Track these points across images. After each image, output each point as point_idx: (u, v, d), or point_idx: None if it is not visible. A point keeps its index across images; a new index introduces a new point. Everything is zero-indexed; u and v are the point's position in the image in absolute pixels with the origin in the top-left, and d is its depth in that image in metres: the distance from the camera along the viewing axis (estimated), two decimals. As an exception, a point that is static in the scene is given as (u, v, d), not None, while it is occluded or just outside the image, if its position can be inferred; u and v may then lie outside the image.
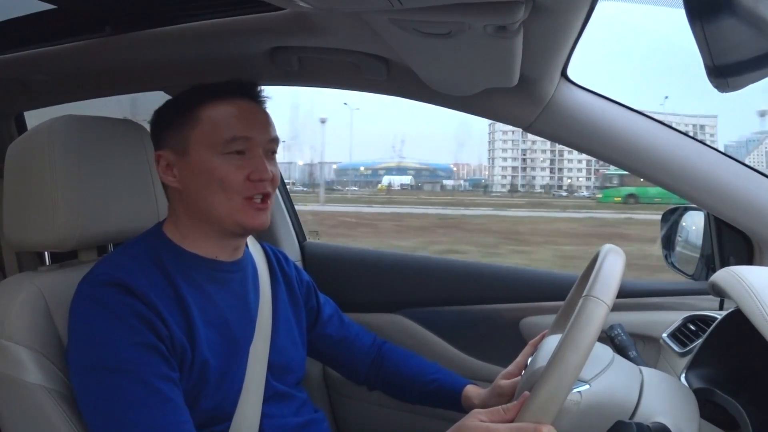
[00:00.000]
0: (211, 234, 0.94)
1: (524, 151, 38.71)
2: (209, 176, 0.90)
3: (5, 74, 1.31)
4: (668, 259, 1.42)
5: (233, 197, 0.90)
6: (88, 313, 0.82)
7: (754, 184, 1.12)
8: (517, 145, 38.58)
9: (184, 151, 0.92)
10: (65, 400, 0.85)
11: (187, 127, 0.92)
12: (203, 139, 0.91)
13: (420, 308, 1.47)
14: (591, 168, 35.34)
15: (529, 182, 36.75)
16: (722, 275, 0.87)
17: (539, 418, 0.67)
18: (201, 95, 0.94)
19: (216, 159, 0.90)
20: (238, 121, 0.92)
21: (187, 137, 0.92)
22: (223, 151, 0.90)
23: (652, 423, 0.72)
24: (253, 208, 0.92)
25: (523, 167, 38.28)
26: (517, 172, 38.02)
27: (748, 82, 0.65)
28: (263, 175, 0.91)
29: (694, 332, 1.09)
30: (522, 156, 37.91)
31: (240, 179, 0.90)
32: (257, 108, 0.96)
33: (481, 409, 0.76)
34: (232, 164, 0.90)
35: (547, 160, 37.44)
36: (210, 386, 0.88)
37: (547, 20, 0.76)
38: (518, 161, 37.60)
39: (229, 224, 0.92)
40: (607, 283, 0.71)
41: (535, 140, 39.57)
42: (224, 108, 0.93)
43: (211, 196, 0.91)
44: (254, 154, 0.92)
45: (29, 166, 0.96)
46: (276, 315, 1.03)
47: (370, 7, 0.69)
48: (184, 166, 0.92)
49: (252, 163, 0.91)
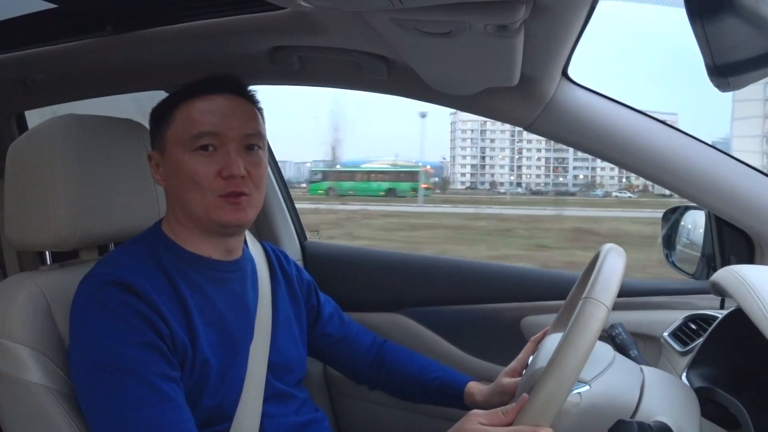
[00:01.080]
0: (197, 232, 0.94)
1: (483, 149, 40.76)
2: (183, 174, 0.90)
3: (6, 74, 1.32)
4: (669, 258, 1.42)
5: (206, 194, 0.89)
6: (89, 313, 0.82)
7: (755, 183, 1.12)
8: (477, 144, 40.27)
9: (163, 150, 0.93)
10: (66, 399, 0.85)
11: (165, 127, 0.92)
12: (175, 137, 0.91)
13: (421, 307, 1.47)
14: (550, 166, 36.55)
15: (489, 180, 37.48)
16: (723, 274, 0.87)
17: (538, 421, 0.67)
18: (182, 94, 0.93)
19: (186, 156, 0.89)
20: (207, 117, 0.90)
21: (164, 136, 0.92)
22: (192, 147, 0.89)
23: (653, 422, 0.72)
24: (229, 203, 0.89)
25: (482, 165, 40.13)
26: (476, 170, 40.10)
27: (749, 81, 0.65)
28: (233, 171, 0.88)
29: (695, 331, 1.09)
30: (481, 154, 40.20)
31: (211, 176, 0.89)
32: (237, 103, 0.93)
33: (482, 408, 0.77)
34: (201, 161, 0.89)
35: (506, 158, 38.97)
36: (210, 386, 0.88)
37: (547, 20, 0.76)
38: (477, 159, 39.63)
39: (205, 222, 0.91)
40: (606, 284, 0.71)
41: (494, 138, 41.96)
42: (198, 104, 0.91)
43: (187, 194, 0.90)
44: (226, 150, 0.90)
45: (30, 166, 0.96)
46: (276, 314, 1.03)
47: (370, 6, 0.69)
48: (164, 164, 0.93)
49: (223, 159, 0.89)
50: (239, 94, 0.95)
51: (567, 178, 27.93)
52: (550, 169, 39.41)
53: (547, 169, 39.56)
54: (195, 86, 0.93)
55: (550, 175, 39.32)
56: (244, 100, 0.95)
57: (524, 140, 41.39)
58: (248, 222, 0.94)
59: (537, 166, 39.75)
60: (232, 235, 0.97)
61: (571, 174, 34.99)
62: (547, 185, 38.38)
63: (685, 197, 1.17)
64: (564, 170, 39.33)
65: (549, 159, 38.96)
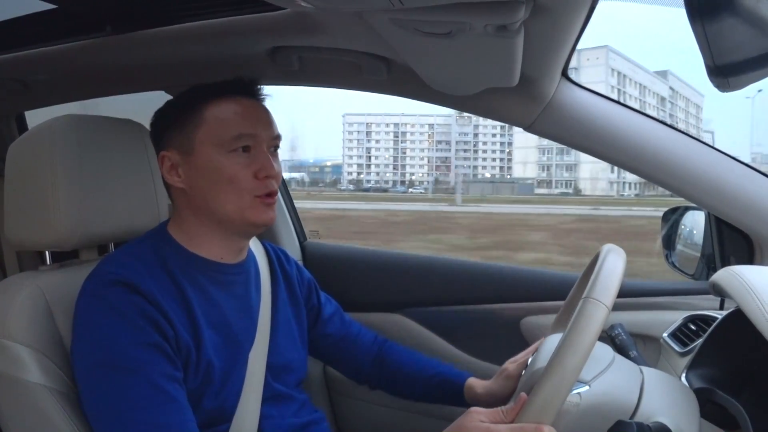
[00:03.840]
0: (218, 233, 0.94)
1: (368, 149, 44.46)
2: (217, 175, 0.90)
3: (6, 74, 1.31)
4: (669, 258, 1.42)
5: (243, 195, 0.90)
6: (93, 312, 0.82)
7: (755, 184, 1.12)
8: (362, 144, 43.52)
9: (190, 151, 0.92)
10: (66, 399, 0.85)
11: (192, 127, 0.92)
12: (209, 137, 0.91)
13: (421, 308, 1.47)
14: (432, 165, 40.98)
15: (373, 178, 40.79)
16: (723, 275, 0.87)
17: (539, 419, 0.67)
18: (204, 94, 0.93)
19: (223, 157, 0.90)
20: (243, 119, 0.92)
21: (192, 137, 0.92)
22: (230, 148, 0.90)
23: (652, 423, 0.72)
24: (263, 204, 0.92)
25: (368, 164, 43.26)
26: (362, 169, 43.54)
27: (749, 81, 0.65)
28: (270, 171, 0.91)
29: (694, 332, 1.09)
30: (366, 154, 43.68)
31: (248, 177, 0.91)
32: (259, 105, 0.96)
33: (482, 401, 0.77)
34: (240, 162, 0.90)
35: (391, 158, 42.60)
36: (214, 387, 0.88)
37: (547, 20, 0.76)
38: (363, 158, 43.24)
39: (238, 222, 0.92)
40: (606, 284, 0.71)
41: (379, 139, 44.33)
42: (228, 106, 0.92)
43: (220, 195, 0.91)
44: (260, 151, 0.92)
45: (30, 166, 0.96)
46: (275, 315, 1.03)
47: (370, 6, 0.69)
48: (190, 165, 0.92)
49: (258, 160, 0.91)
50: (259, 98, 0.97)
51: (450, 176, 31.57)
52: (433, 167, 43.12)
53: (430, 168, 43.32)
54: (220, 87, 0.94)
55: (432, 173, 43.39)
56: (263, 104, 0.98)
57: (407, 141, 45.14)
58: (274, 221, 0.95)
59: (420, 165, 43.75)
60: (252, 236, 1.00)
61: (453, 172, 37.65)
62: (429, 183, 42.72)
63: (684, 198, 1.17)
64: (447, 168, 43.13)
65: (431, 158, 42.71)
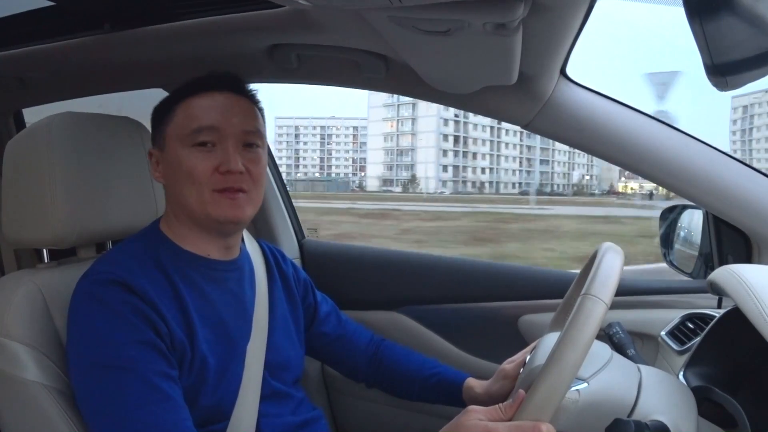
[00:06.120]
0: (196, 230, 0.94)
1: (297, 150, 49.06)
2: (179, 169, 0.90)
3: (3, 71, 1.31)
4: (667, 257, 1.42)
5: (202, 190, 0.89)
6: (88, 311, 0.82)
7: (753, 183, 1.12)
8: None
9: (163, 147, 0.93)
10: (64, 397, 0.85)
11: (165, 123, 0.93)
12: (175, 132, 0.91)
13: (419, 306, 1.47)
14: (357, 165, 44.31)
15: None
16: (720, 273, 0.87)
17: (538, 416, 0.67)
18: (183, 91, 0.94)
19: (184, 151, 0.90)
20: (207, 112, 0.90)
21: (164, 132, 0.93)
22: (191, 143, 0.89)
23: (650, 421, 0.72)
24: (226, 198, 0.89)
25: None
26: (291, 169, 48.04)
27: (747, 80, 0.65)
28: (231, 166, 0.89)
29: (692, 330, 1.09)
30: (295, 155, 48.95)
31: (207, 171, 0.89)
32: (237, 100, 0.94)
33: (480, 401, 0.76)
34: (199, 156, 0.89)
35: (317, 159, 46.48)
36: (208, 385, 0.88)
37: (546, 18, 0.76)
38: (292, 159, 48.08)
39: (202, 217, 0.91)
40: (605, 281, 0.71)
41: (306, 141, 49.01)
42: (199, 101, 0.92)
43: (183, 190, 0.90)
44: (224, 146, 0.90)
45: (28, 164, 0.95)
46: (273, 313, 1.03)
47: (369, 4, 0.69)
48: (164, 161, 0.93)
49: (221, 155, 0.90)
50: (240, 92, 0.95)
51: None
52: (357, 168, 46.74)
53: (354, 168, 46.63)
54: (196, 83, 0.94)
55: (357, 173, 46.86)
56: (244, 98, 0.96)
57: (333, 143, 47.73)
58: (246, 219, 0.93)
59: (345, 166, 46.84)
60: (229, 234, 0.96)
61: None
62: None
63: (683, 196, 1.17)
64: (362, 169, 46.48)
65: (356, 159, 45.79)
